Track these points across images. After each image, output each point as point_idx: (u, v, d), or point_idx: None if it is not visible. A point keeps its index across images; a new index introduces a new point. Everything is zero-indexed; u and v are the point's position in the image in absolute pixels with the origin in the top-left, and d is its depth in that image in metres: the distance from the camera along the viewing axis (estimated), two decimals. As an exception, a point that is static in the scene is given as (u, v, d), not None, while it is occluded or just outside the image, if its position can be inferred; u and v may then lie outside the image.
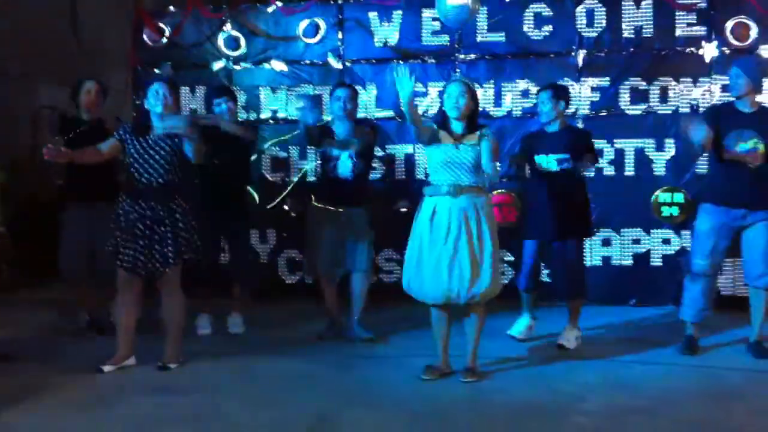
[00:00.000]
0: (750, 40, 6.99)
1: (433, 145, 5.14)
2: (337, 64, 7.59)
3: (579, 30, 7.25)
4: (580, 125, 7.13)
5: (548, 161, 5.84)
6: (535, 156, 5.89)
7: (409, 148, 7.49)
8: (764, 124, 5.45)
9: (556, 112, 5.90)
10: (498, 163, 5.99)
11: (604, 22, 7.22)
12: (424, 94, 7.44)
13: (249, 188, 6.89)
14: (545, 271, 6.98)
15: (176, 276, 5.36)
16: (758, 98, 5.72)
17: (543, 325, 6.19)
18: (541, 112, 5.97)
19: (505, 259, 7.16)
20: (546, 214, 5.78)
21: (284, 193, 7.50)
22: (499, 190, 7.28)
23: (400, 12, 7.47)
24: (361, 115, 6.67)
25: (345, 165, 6.05)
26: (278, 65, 7.66)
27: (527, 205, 6.40)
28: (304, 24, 7.58)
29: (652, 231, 7.18)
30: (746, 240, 5.59)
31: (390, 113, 7.48)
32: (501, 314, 6.04)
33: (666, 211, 7.11)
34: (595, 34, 7.24)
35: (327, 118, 6.11)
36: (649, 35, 7.16)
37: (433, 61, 7.48)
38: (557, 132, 5.92)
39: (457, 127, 5.15)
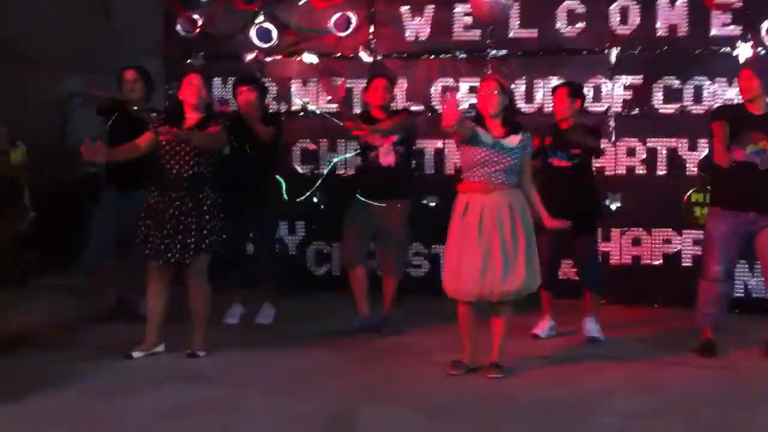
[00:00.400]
0: (786, 41, 6.91)
1: (471, 144, 5.08)
2: (368, 58, 7.59)
3: (612, 27, 7.19)
4: (611, 123, 7.10)
5: (560, 157, 5.88)
6: (548, 151, 5.91)
7: (438, 143, 7.47)
8: None
9: (572, 110, 5.94)
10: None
11: (638, 19, 7.15)
12: (455, 89, 7.41)
13: (278, 180, 6.86)
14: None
15: (203, 267, 5.41)
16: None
17: (567, 322, 6.19)
18: (557, 110, 6.03)
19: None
20: (557, 209, 5.75)
21: (315, 186, 7.48)
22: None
23: (432, 6, 7.45)
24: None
25: (388, 154, 6.06)
26: (309, 58, 7.68)
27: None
28: (335, 17, 7.59)
29: (683, 231, 7.11)
30: (761, 245, 5.55)
31: (420, 107, 7.46)
32: (527, 311, 6.00)
33: (698, 212, 7.04)
34: (628, 32, 7.18)
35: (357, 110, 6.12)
36: (683, 34, 7.09)
37: (464, 56, 7.46)
38: (569, 128, 5.94)
39: (492, 125, 5.12)
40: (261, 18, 7.69)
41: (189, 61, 7.72)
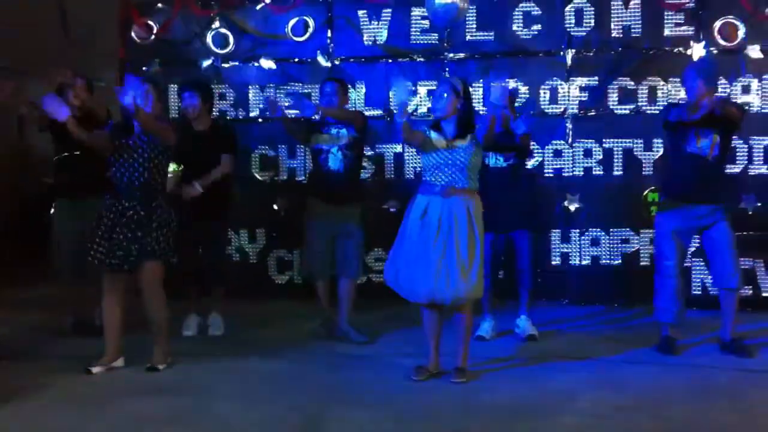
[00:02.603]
0: (738, 40, 7.03)
1: (426, 148, 5.13)
2: (326, 62, 7.58)
3: (568, 29, 7.27)
4: (569, 125, 7.18)
5: (497, 158, 6.03)
6: (486, 153, 5.98)
7: (398, 147, 7.48)
8: (719, 121, 5.49)
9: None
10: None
11: (592, 21, 7.23)
12: (414, 93, 7.43)
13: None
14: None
15: (157, 276, 5.33)
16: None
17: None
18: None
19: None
20: (495, 207, 5.78)
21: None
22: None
23: (389, 10, 7.45)
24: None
25: (335, 158, 6.05)
26: (267, 63, 7.65)
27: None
28: (293, 22, 7.56)
29: (641, 231, 7.20)
30: (709, 241, 5.69)
31: (379, 112, 7.47)
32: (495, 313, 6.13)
33: (654, 211, 7.13)
34: (584, 33, 7.26)
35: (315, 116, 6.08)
36: (637, 35, 7.19)
37: (422, 59, 7.48)
38: (503, 132, 5.96)
39: (448, 127, 5.15)
40: (218, 23, 7.64)
41: (144, 68, 7.63)
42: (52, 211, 6.40)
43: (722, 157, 5.67)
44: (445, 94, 5.12)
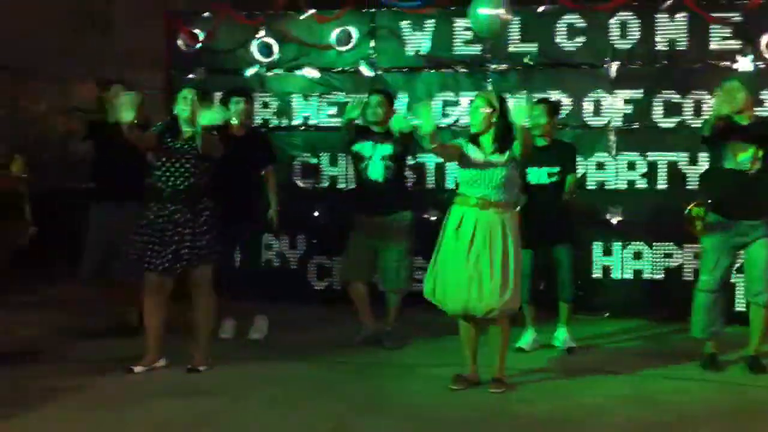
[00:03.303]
0: (785, 55, 6.94)
1: (461, 163, 5.14)
2: (368, 72, 7.61)
3: (612, 41, 7.22)
4: (612, 137, 7.13)
5: (539, 174, 5.97)
6: (528, 169, 5.93)
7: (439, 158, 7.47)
8: (762, 134, 5.46)
9: (549, 126, 6.06)
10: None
11: (637, 34, 7.18)
12: (456, 104, 7.44)
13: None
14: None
15: (206, 278, 5.42)
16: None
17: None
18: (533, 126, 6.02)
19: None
20: (536, 224, 5.80)
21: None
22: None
23: (432, 21, 7.47)
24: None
25: (376, 167, 6.07)
26: (310, 72, 7.71)
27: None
28: (336, 32, 7.61)
29: (684, 245, 7.10)
30: (748, 257, 5.62)
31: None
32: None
33: (699, 226, 7.02)
34: (628, 46, 7.20)
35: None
36: (683, 48, 7.12)
37: (464, 70, 7.48)
38: (547, 146, 6.00)
39: (485, 141, 5.14)
40: (262, 33, 7.72)
41: (191, 75, 7.74)
42: (90, 213, 6.48)
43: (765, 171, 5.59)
44: (481, 109, 5.11)
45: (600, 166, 7.23)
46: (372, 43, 7.63)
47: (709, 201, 5.74)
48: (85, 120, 6.60)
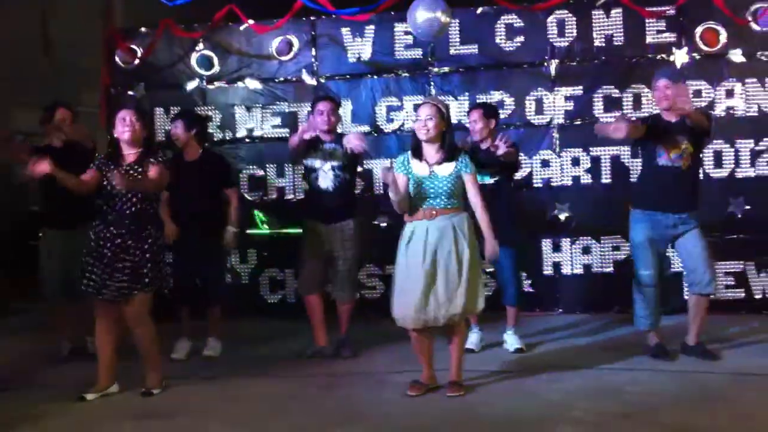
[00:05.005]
0: (719, 45, 7.08)
1: (410, 179, 5.11)
2: (311, 81, 7.59)
3: (551, 40, 7.30)
4: (555, 135, 7.22)
5: (482, 176, 5.94)
6: None
7: (386, 162, 7.47)
8: (691, 130, 5.56)
9: (488, 130, 6.07)
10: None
11: (575, 31, 7.27)
12: (400, 108, 7.46)
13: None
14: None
15: (144, 307, 5.26)
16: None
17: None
18: (473, 130, 6.11)
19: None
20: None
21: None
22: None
23: (372, 27, 7.48)
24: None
25: (326, 177, 6.05)
26: (252, 83, 7.65)
27: None
28: (277, 41, 7.59)
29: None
30: (683, 249, 5.73)
31: (366, 128, 7.47)
32: (487, 326, 6.16)
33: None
34: (566, 44, 7.30)
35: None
36: (619, 43, 7.23)
37: (406, 74, 7.50)
38: (488, 148, 6.03)
39: (429, 151, 5.13)
40: (202, 46, 7.65)
41: (130, 92, 7.63)
42: (39, 238, 6.36)
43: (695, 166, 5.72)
44: (431, 119, 5.07)
45: (545, 163, 7.31)
46: (313, 52, 7.60)
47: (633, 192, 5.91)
48: (30, 145, 6.45)
